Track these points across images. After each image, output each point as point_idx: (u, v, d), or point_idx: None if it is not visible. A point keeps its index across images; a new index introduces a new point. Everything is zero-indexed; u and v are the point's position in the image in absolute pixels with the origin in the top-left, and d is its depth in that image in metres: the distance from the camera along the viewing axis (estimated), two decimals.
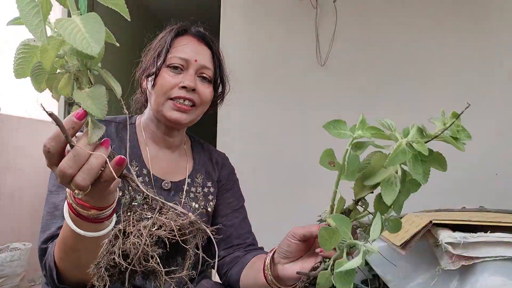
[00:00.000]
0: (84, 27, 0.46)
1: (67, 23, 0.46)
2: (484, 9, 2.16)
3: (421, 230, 1.00)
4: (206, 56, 0.98)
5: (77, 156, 0.51)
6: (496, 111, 2.12)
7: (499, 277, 0.90)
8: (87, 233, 0.59)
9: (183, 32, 0.99)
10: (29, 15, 0.45)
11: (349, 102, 2.28)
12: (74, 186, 0.52)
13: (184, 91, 0.92)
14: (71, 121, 0.51)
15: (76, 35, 0.45)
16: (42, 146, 0.52)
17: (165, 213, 0.52)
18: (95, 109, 0.50)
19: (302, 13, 2.32)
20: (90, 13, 0.49)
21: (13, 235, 2.34)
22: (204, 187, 1.04)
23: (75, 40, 0.45)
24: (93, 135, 0.51)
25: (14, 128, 2.39)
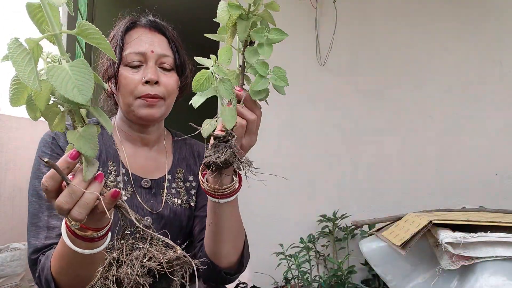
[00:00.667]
0: (73, 74, 0.49)
1: (57, 71, 0.49)
2: (484, 9, 2.16)
3: (421, 230, 1.00)
4: (162, 44, 0.95)
5: (72, 193, 0.55)
6: (496, 111, 2.11)
7: (499, 277, 0.90)
8: (84, 251, 0.62)
9: (133, 25, 0.96)
10: (22, 64, 0.48)
11: (349, 102, 2.28)
12: (71, 218, 0.56)
13: (149, 86, 0.90)
14: (66, 161, 0.55)
15: (67, 84, 0.48)
16: (41, 185, 0.56)
17: (155, 244, 0.57)
18: (88, 149, 0.54)
19: (302, 13, 2.32)
20: (79, 59, 0.51)
21: (13, 235, 2.33)
22: (185, 182, 1.02)
23: (66, 90, 0.48)
24: (87, 173, 0.55)
25: (14, 128, 2.39)
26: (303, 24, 2.32)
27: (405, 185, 2.18)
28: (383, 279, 1.16)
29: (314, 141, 2.30)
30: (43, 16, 0.51)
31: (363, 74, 2.27)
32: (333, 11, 2.26)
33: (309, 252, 2.04)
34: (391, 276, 1.13)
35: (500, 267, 0.91)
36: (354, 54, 2.29)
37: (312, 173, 2.29)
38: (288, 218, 2.28)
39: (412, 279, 1.08)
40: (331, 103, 2.30)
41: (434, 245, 1.01)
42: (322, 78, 2.30)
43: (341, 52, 2.28)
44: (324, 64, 2.29)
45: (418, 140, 2.19)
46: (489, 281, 0.90)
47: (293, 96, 2.35)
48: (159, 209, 0.95)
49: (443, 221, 1.03)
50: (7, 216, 2.32)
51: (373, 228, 1.66)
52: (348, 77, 2.29)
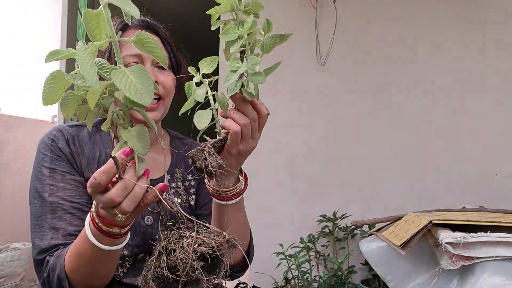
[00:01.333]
0: (134, 78, 0.54)
1: (120, 75, 0.54)
2: (484, 10, 2.16)
3: (421, 230, 1.00)
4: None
5: (126, 186, 0.59)
6: (496, 111, 2.12)
7: (499, 277, 0.90)
8: (107, 247, 0.64)
9: (125, 27, 0.95)
10: (87, 67, 0.52)
11: (349, 102, 2.28)
12: (120, 211, 0.59)
13: None
14: (120, 157, 0.59)
15: (130, 87, 0.53)
16: (91, 180, 0.58)
17: (201, 232, 0.62)
18: (140, 147, 0.60)
19: (302, 13, 2.32)
20: (137, 66, 0.56)
21: (13, 235, 2.33)
22: (184, 181, 1.03)
23: (130, 92, 0.53)
24: (139, 169, 0.61)
25: (14, 128, 2.39)
26: (303, 24, 2.32)
27: (405, 185, 2.18)
28: (383, 279, 1.16)
29: (314, 141, 2.30)
30: (96, 24, 0.55)
31: (362, 74, 2.27)
32: (333, 11, 2.26)
33: (309, 252, 2.04)
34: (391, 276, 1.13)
35: (500, 267, 0.91)
36: (354, 54, 2.29)
37: (312, 173, 2.29)
38: (288, 218, 2.28)
39: (412, 279, 1.08)
40: (331, 103, 2.30)
41: (434, 245, 1.01)
42: (322, 78, 2.30)
43: (341, 52, 2.29)
44: (324, 64, 2.29)
45: (418, 140, 2.19)
46: (489, 281, 0.90)
47: (293, 96, 2.35)
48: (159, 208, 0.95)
49: (443, 221, 1.03)
50: (7, 216, 2.32)
51: (373, 228, 1.66)
52: (348, 77, 2.29)
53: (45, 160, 0.84)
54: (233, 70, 0.66)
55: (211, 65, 0.73)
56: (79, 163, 0.87)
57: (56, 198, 0.81)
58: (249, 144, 0.73)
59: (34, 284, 2.40)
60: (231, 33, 0.66)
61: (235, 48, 0.66)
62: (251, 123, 0.71)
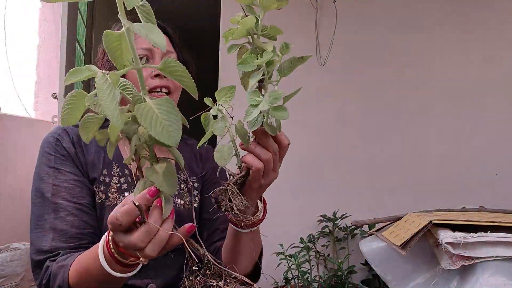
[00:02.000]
0: (160, 114, 0.48)
1: (145, 110, 0.48)
2: (484, 10, 2.16)
3: (421, 230, 1.00)
4: (166, 41, 0.96)
5: (150, 232, 0.55)
6: (496, 111, 2.12)
7: (499, 277, 0.90)
8: (118, 274, 0.62)
9: None
10: (108, 100, 0.47)
11: (349, 102, 2.28)
12: (142, 255, 0.55)
13: (158, 79, 0.90)
14: (145, 198, 0.54)
15: (156, 125, 0.47)
16: (112, 218, 0.54)
17: (229, 281, 0.57)
18: (167, 187, 0.54)
19: (302, 13, 2.32)
20: (164, 98, 0.50)
21: (13, 235, 2.33)
22: (187, 183, 1.01)
23: (156, 132, 0.47)
24: (166, 211, 0.55)
25: (14, 128, 2.38)
26: (303, 24, 2.32)
27: (405, 185, 2.18)
28: (383, 279, 1.16)
29: (314, 141, 2.30)
30: (119, 45, 0.49)
31: (363, 74, 2.27)
32: (333, 11, 2.26)
33: (309, 252, 2.04)
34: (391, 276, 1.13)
35: (500, 267, 0.91)
36: (354, 54, 2.29)
37: (312, 172, 2.28)
38: (288, 218, 2.28)
39: (412, 279, 1.08)
40: (331, 103, 2.30)
41: (434, 245, 1.01)
42: (322, 78, 2.30)
43: (341, 52, 2.28)
44: (324, 64, 2.29)
45: (418, 140, 2.19)
46: (489, 281, 0.90)
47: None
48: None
49: (443, 221, 1.03)
50: (7, 216, 2.32)
51: (373, 228, 1.66)
52: (348, 77, 2.29)
53: (49, 159, 0.83)
54: (253, 105, 0.62)
55: (228, 95, 0.68)
56: (84, 163, 0.86)
57: (59, 198, 0.80)
58: (270, 177, 0.71)
59: (34, 284, 2.40)
60: (249, 63, 0.62)
61: (254, 80, 0.62)
62: (272, 156, 0.68)
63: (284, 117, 0.62)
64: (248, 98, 0.62)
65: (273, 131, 0.65)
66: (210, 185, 1.06)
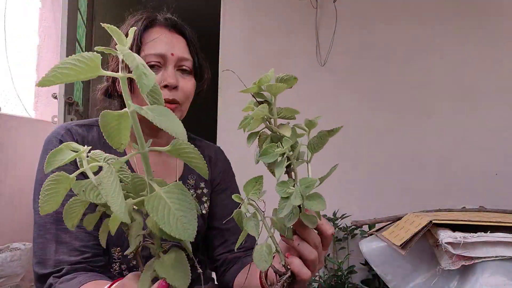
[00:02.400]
0: (172, 204, 0.43)
1: (155, 202, 0.42)
2: (484, 10, 2.16)
3: (421, 230, 1.00)
4: (182, 46, 0.89)
5: None
6: (496, 111, 2.12)
7: (499, 277, 0.90)
8: None
9: (151, 24, 0.89)
10: (115, 194, 0.42)
11: (349, 102, 2.28)
12: None
13: (167, 91, 0.85)
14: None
15: (169, 219, 0.42)
16: None
17: None
18: (179, 280, 0.47)
19: (302, 13, 2.32)
20: (174, 184, 0.45)
21: (13, 235, 2.33)
22: (197, 189, 0.97)
23: (171, 227, 0.41)
24: None
25: (14, 128, 2.38)
26: (303, 24, 2.32)
27: (405, 185, 2.18)
28: (383, 279, 1.16)
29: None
30: (117, 127, 0.44)
31: (363, 74, 2.27)
32: (333, 11, 2.26)
33: None
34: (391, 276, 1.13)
35: (500, 267, 0.91)
36: (354, 54, 2.29)
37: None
38: None
39: (412, 279, 1.08)
40: (331, 103, 2.30)
41: (434, 245, 1.01)
42: (322, 78, 2.30)
43: (341, 52, 2.28)
44: (324, 64, 2.29)
45: (418, 140, 2.19)
46: (489, 281, 0.90)
47: (292, 96, 2.35)
48: None
49: (443, 221, 1.03)
50: (7, 216, 2.32)
51: (373, 228, 1.66)
52: (348, 77, 2.29)
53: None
54: (284, 197, 0.56)
55: (256, 187, 0.62)
56: None
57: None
58: (316, 269, 0.63)
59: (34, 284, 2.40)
60: (271, 153, 0.58)
61: (280, 170, 0.57)
62: (317, 249, 0.61)
63: (320, 208, 0.56)
64: (278, 190, 0.57)
65: (313, 223, 0.59)
66: (219, 192, 1.02)
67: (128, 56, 0.41)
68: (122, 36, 0.44)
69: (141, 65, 0.41)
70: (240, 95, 0.69)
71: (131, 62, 0.40)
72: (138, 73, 0.40)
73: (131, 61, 0.40)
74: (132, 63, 0.40)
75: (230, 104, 2.35)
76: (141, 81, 0.40)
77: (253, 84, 0.60)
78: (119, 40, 0.44)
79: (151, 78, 0.41)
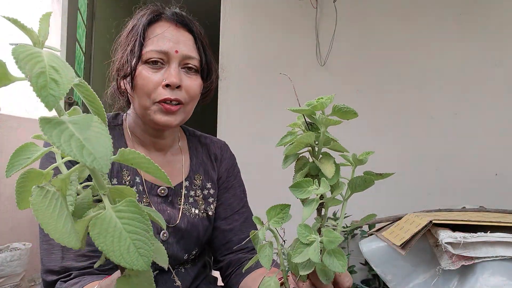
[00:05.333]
0: (124, 226, 0.35)
1: (104, 226, 0.35)
2: (484, 10, 2.16)
3: (421, 230, 1.00)
4: (188, 44, 0.85)
5: None
6: (496, 111, 2.11)
7: (499, 277, 0.90)
8: None
9: (156, 18, 0.85)
10: (53, 218, 0.35)
11: (349, 102, 2.26)
12: None
13: (169, 90, 0.81)
14: None
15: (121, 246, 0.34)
16: None
17: None
18: None
19: (302, 13, 2.32)
20: (127, 200, 0.37)
21: (13, 235, 2.33)
22: (203, 189, 0.95)
23: (122, 256, 0.34)
24: None
25: (14, 128, 2.38)
26: (303, 24, 2.32)
27: (405, 185, 2.18)
28: (383, 279, 1.16)
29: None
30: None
31: (363, 74, 2.27)
32: (333, 11, 2.26)
33: None
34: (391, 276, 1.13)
35: (500, 267, 0.91)
36: (354, 54, 2.29)
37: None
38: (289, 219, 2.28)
39: (412, 279, 1.08)
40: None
41: (434, 245, 1.01)
42: (322, 78, 2.30)
43: (341, 52, 2.28)
44: (324, 64, 2.29)
45: (418, 140, 2.19)
46: (489, 281, 0.89)
47: (293, 96, 2.35)
48: (176, 221, 0.87)
49: (443, 221, 1.03)
50: (7, 216, 2.32)
51: (373, 228, 1.66)
52: (348, 77, 2.29)
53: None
54: (304, 243, 0.50)
55: (280, 215, 0.56)
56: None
57: None
58: None
59: (34, 284, 2.40)
60: (304, 188, 0.52)
61: (309, 210, 0.51)
62: None
63: (340, 269, 0.48)
64: (299, 232, 0.52)
65: (328, 279, 0.53)
66: (224, 192, 0.99)
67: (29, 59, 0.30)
68: (29, 30, 0.35)
69: (50, 68, 0.31)
70: (240, 95, 0.68)
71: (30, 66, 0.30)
72: (41, 83, 0.30)
73: (31, 65, 0.30)
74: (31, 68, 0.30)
75: (230, 104, 2.34)
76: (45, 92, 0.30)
77: (307, 105, 0.55)
78: (28, 34, 0.35)
79: (64, 85, 0.31)
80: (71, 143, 0.31)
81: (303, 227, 0.52)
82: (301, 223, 0.52)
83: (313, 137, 0.54)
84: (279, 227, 0.54)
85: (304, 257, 0.49)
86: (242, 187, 1.04)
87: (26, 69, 0.30)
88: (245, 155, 2.44)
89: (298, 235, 0.51)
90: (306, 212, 0.51)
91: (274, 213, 0.56)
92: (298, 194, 0.53)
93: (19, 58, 0.31)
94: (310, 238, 0.50)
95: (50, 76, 0.30)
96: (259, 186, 2.25)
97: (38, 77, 0.30)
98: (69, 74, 0.32)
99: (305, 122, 0.57)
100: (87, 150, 0.31)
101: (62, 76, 0.31)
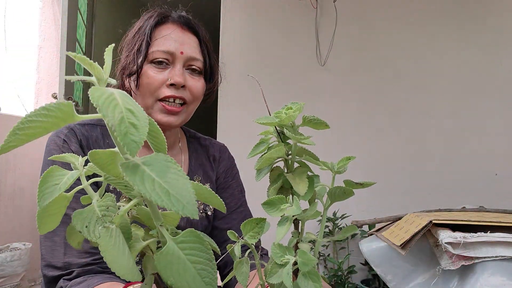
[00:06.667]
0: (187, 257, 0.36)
1: (169, 258, 0.35)
2: (484, 10, 2.16)
3: (421, 230, 1.00)
4: (193, 46, 0.87)
5: None
6: (496, 111, 2.11)
7: (499, 277, 0.90)
8: None
9: (163, 20, 0.87)
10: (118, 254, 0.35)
11: (349, 102, 2.28)
12: None
13: (173, 89, 0.83)
14: None
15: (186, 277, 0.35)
16: None
17: None
18: None
19: (302, 13, 2.32)
20: (188, 230, 0.37)
21: (14, 235, 2.34)
22: None
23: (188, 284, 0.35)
24: None
25: None
26: (303, 24, 2.32)
27: (405, 185, 2.18)
28: (383, 279, 1.16)
29: (314, 140, 2.30)
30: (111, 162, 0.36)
31: (363, 74, 2.27)
32: (333, 11, 2.26)
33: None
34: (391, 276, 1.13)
35: (500, 267, 0.91)
36: (354, 54, 2.29)
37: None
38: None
39: (412, 279, 1.08)
40: (331, 103, 2.30)
41: (434, 245, 1.01)
42: (322, 78, 2.30)
43: (341, 52, 2.29)
44: (324, 64, 2.29)
45: (418, 140, 2.19)
46: (489, 281, 0.89)
47: (293, 95, 2.35)
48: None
49: (443, 221, 1.03)
50: (7, 216, 2.32)
51: (373, 228, 1.66)
52: (348, 77, 2.29)
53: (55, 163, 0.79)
54: (278, 264, 0.48)
55: (256, 229, 0.53)
56: None
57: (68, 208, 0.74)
58: None
59: (34, 284, 2.40)
60: (277, 207, 0.50)
61: (283, 230, 0.48)
62: None
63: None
64: (273, 252, 0.49)
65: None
66: (221, 191, 1.00)
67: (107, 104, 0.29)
68: (95, 67, 0.34)
69: (127, 112, 0.29)
70: (240, 95, 0.69)
71: (110, 112, 0.29)
72: (123, 130, 0.29)
73: (111, 110, 0.29)
74: (112, 113, 0.29)
75: (230, 104, 2.35)
76: (127, 138, 0.29)
77: (275, 115, 0.52)
78: (93, 71, 0.34)
79: (142, 128, 0.30)
80: (156, 190, 0.30)
81: (277, 246, 0.49)
82: (275, 242, 0.50)
83: (283, 150, 0.52)
84: (254, 242, 0.51)
85: (278, 279, 0.47)
86: (240, 187, 1.04)
87: (109, 117, 0.28)
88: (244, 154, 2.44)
89: (273, 255, 0.49)
90: (279, 232, 0.49)
91: (250, 228, 0.53)
92: (271, 213, 0.50)
93: (99, 103, 0.29)
94: (284, 260, 0.48)
95: (128, 121, 0.29)
96: (259, 189, 2.25)
97: (120, 125, 0.29)
98: (143, 114, 0.31)
99: (276, 132, 0.55)
100: (174, 197, 0.31)
101: (139, 118, 0.30)
